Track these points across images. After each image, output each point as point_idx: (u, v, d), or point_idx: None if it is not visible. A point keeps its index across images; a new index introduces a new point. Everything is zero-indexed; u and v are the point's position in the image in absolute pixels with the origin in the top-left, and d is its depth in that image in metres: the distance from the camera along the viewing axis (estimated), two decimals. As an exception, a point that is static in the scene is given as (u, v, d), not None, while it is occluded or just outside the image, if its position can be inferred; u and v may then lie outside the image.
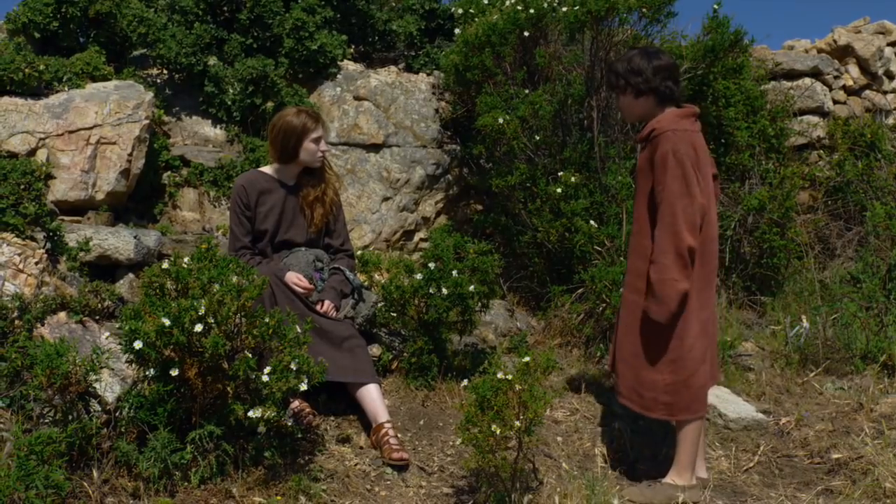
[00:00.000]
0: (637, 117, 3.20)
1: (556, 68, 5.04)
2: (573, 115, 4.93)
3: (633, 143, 4.72)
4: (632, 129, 4.84)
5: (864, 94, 7.50)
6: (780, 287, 5.33)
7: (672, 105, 3.06)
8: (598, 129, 4.76)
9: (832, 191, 6.23)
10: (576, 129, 4.93)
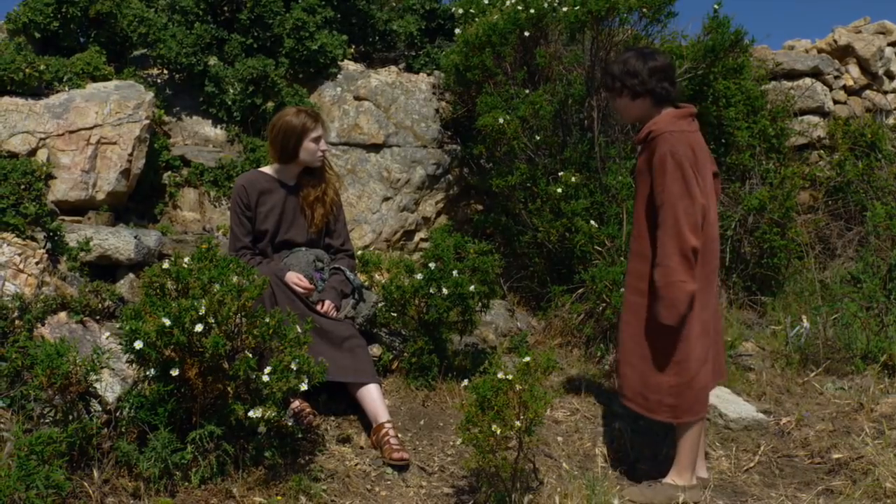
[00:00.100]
0: (634, 119, 3.19)
1: (556, 68, 5.04)
2: (573, 115, 4.93)
3: (633, 143, 4.72)
4: (632, 129, 4.84)
5: (865, 94, 7.50)
6: (780, 287, 5.33)
7: (669, 106, 3.04)
8: (598, 129, 4.76)
9: (832, 191, 6.23)
10: (576, 129, 4.93)
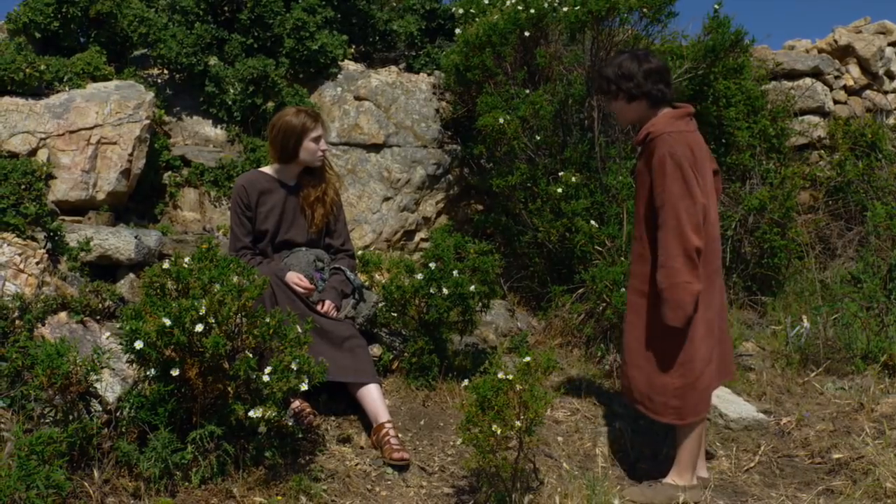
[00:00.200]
0: (631, 121, 3.18)
1: (556, 68, 5.04)
2: (574, 115, 4.93)
3: (633, 145, 4.72)
4: (632, 128, 4.84)
5: (865, 94, 7.50)
6: (780, 287, 5.32)
7: (666, 106, 3.03)
8: (598, 129, 4.76)
9: (833, 191, 6.23)
10: (576, 129, 4.93)
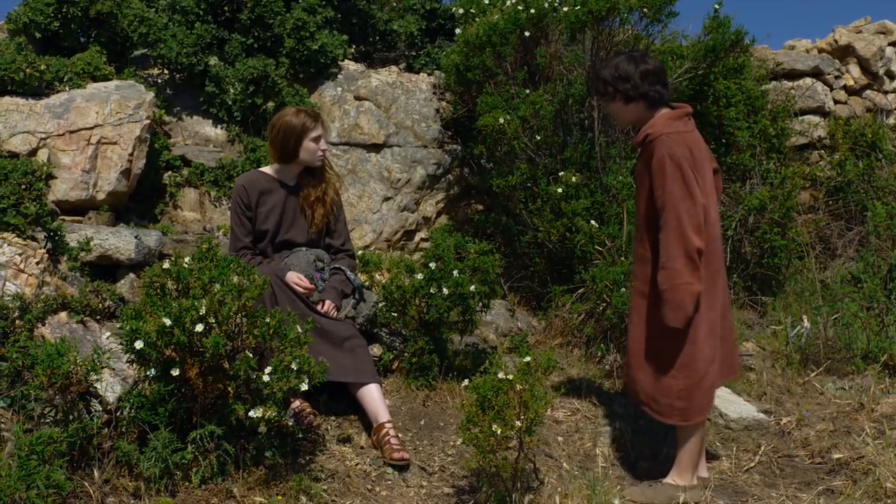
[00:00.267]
0: (628, 123, 3.17)
1: (556, 68, 5.04)
2: (574, 114, 4.93)
3: (632, 146, 4.72)
4: (632, 128, 4.84)
5: (865, 94, 7.50)
6: (780, 287, 5.32)
7: (664, 107, 3.02)
8: (598, 129, 4.76)
9: (833, 191, 6.23)
10: (577, 128, 4.93)
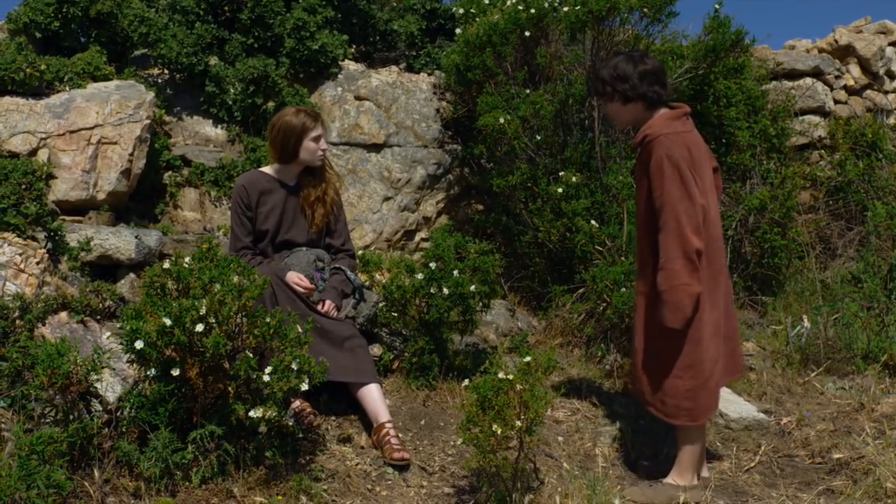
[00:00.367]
0: (627, 123, 3.16)
1: (557, 68, 5.04)
2: (574, 114, 4.93)
3: (632, 146, 4.72)
4: (633, 129, 4.84)
5: (866, 94, 7.50)
6: (781, 287, 5.32)
7: (662, 107, 3.01)
8: (599, 129, 4.76)
9: (833, 190, 6.23)
10: (577, 128, 4.93)
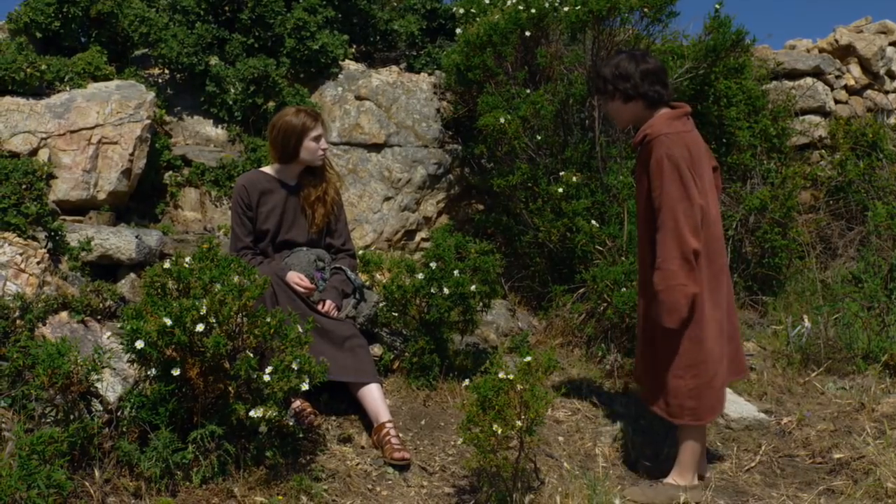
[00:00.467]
0: (627, 122, 3.15)
1: (557, 68, 5.04)
2: (575, 114, 4.93)
3: (632, 146, 4.71)
4: (633, 128, 4.84)
5: (866, 94, 7.49)
6: (781, 287, 5.32)
7: (663, 107, 3.01)
8: (599, 129, 4.76)
9: (834, 190, 6.23)
10: (577, 128, 4.93)
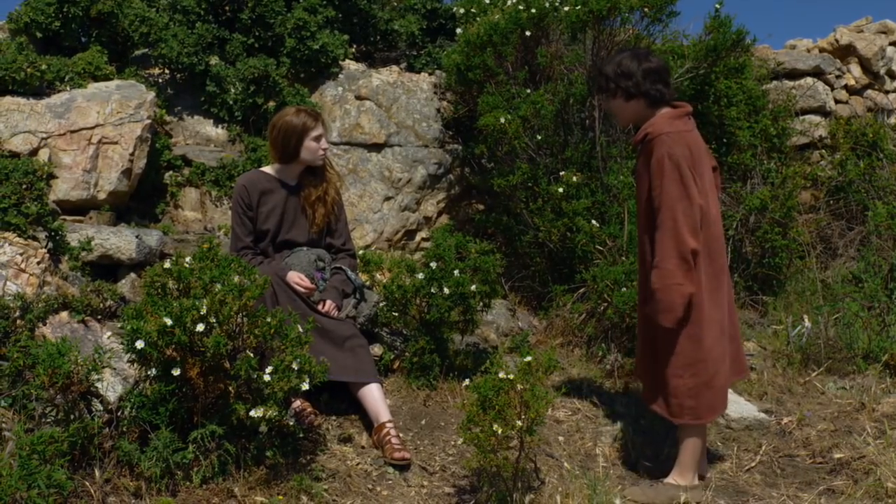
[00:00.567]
0: (628, 121, 3.14)
1: (557, 68, 5.04)
2: (575, 114, 4.93)
3: (632, 145, 4.71)
4: (633, 128, 4.84)
5: (866, 94, 7.49)
6: (781, 287, 5.32)
7: (665, 106, 3.01)
8: (599, 129, 4.76)
9: (834, 190, 6.23)
10: (577, 128, 4.93)
